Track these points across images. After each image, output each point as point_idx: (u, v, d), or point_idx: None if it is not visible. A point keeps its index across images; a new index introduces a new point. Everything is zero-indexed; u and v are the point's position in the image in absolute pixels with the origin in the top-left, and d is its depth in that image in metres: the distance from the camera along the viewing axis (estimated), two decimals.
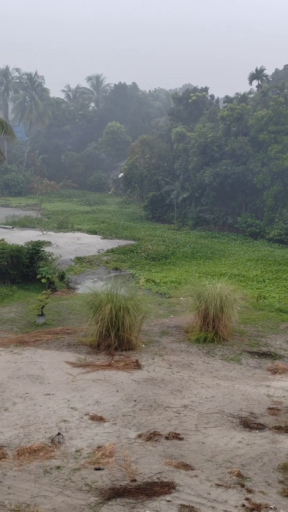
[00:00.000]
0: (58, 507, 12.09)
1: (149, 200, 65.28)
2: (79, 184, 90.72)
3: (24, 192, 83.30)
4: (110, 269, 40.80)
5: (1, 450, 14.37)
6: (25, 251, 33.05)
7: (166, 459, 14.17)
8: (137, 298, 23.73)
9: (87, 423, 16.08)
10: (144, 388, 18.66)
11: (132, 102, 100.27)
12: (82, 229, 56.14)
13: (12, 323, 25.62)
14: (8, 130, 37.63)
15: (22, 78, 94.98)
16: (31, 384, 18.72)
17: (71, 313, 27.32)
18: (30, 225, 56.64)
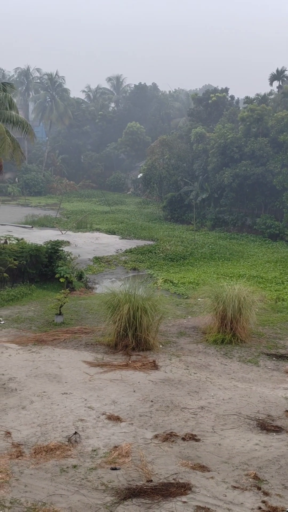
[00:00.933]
0: (74, 506, 12.13)
1: (168, 201, 65.23)
2: (98, 184, 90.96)
3: (43, 191, 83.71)
4: (128, 269, 40.84)
5: (18, 448, 14.46)
6: (44, 251, 33.22)
7: (182, 460, 14.16)
8: (154, 298, 23.72)
9: (103, 422, 16.11)
10: (161, 389, 18.66)
11: (152, 102, 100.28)
12: (101, 229, 56.27)
13: (31, 322, 25.77)
14: (29, 130, 37.83)
15: (42, 78, 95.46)
16: (48, 383, 18.81)
17: (89, 312, 27.40)
18: (49, 224, 56.90)
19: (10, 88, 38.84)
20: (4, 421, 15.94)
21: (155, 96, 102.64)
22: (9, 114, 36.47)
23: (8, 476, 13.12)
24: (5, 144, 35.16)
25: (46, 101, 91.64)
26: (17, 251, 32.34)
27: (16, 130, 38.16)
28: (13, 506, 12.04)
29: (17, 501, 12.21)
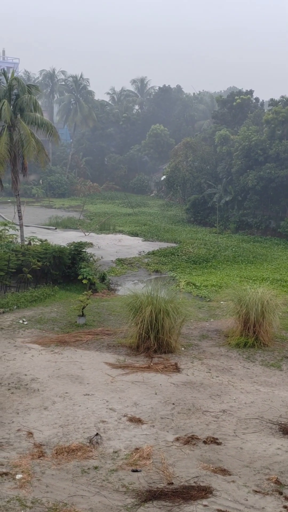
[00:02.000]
0: (95, 507, 12.16)
1: (191, 203, 65.11)
2: (122, 186, 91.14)
3: (67, 193, 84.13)
4: (151, 271, 40.85)
5: (40, 448, 14.54)
6: (67, 252, 33.37)
7: (203, 463, 14.11)
8: (177, 301, 23.69)
9: (125, 424, 16.13)
10: (182, 392, 18.62)
11: (176, 104, 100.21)
12: (124, 231, 56.37)
13: (53, 323, 25.91)
14: (53, 132, 38.08)
15: (67, 81, 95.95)
16: (70, 384, 18.89)
17: (111, 314, 27.46)
18: (72, 226, 57.16)
19: (35, 90, 39.15)
20: (27, 421, 16.05)
21: (179, 98, 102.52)
22: (34, 116, 36.77)
23: (30, 476, 13.20)
24: (30, 146, 35.45)
25: (70, 103, 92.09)
26: (41, 253, 32.55)
27: (41, 132, 38.45)
28: (35, 506, 12.11)
29: (39, 501, 12.28)
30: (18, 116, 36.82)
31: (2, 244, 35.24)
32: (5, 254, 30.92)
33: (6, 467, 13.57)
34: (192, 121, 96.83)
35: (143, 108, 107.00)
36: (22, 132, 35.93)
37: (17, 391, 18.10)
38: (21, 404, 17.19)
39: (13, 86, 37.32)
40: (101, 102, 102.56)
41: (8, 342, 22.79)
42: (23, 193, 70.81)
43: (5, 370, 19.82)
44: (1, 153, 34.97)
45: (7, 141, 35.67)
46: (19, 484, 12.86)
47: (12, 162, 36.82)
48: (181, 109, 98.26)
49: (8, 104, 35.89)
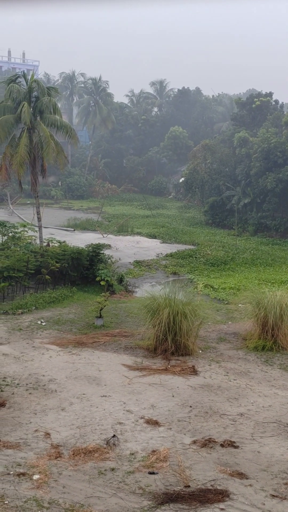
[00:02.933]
0: (111, 509, 12.17)
1: (209, 205, 64.93)
2: (140, 188, 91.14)
3: (86, 195, 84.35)
4: (169, 273, 40.80)
5: (57, 449, 14.59)
6: (85, 254, 33.47)
7: (220, 467, 14.06)
8: (195, 303, 23.65)
9: (142, 426, 16.13)
10: (200, 394, 18.57)
11: (195, 107, 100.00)
12: (142, 233, 56.36)
13: (71, 324, 26.00)
14: (72, 134, 38.25)
15: (87, 83, 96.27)
16: (88, 385, 18.93)
17: (129, 316, 27.48)
18: (90, 228, 57.31)
19: (54, 92, 39.36)
20: (44, 422, 16.12)
21: (198, 100, 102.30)
22: (53, 118, 36.96)
23: (47, 477, 13.25)
24: (49, 148, 35.64)
25: (90, 105, 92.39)
26: (59, 254, 32.68)
27: (60, 134, 38.62)
28: (51, 507, 12.15)
29: (55, 502, 12.32)
30: (38, 118, 37.04)
31: (21, 245, 35.46)
32: (24, 255, 31.10)
33: (23, 468, 13.64)
34: (211, 123, 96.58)
35: (162, 110, 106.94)
36: (42, 134, 36.13)
37: (35, 392, 18.19)
38: (38, 404, 17.27)
39: (33, 89, 37.56)
40: (120, 104, 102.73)
41: (27, 343, 22.92)
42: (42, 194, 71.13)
43: (23, 370, 19.94)
44: (21, 155, 35.20)
45: (27, 143, 35.90)
46: (36, 485, 12.91)
47: (31, 164, 37.05)
48: (200, 111, 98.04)
49: (28, 106, 36.12)
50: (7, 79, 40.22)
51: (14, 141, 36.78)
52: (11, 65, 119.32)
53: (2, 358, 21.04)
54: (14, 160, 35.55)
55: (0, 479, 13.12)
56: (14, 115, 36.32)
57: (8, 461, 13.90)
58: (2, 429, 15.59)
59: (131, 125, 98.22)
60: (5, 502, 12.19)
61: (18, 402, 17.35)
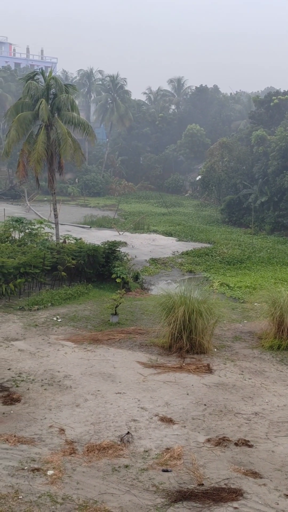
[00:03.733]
0: (124, 506, 12.20)
1: (226, 204, 64.75)
2: (156, 186, 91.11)
3: (102, 192, 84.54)
4: (184, 271, 40.77)
5: (72, 445, 14.65)
6: (101, 251, 33.54)
7: (234, 466, 14.03)
8: (210, 301, 23.60)
9: (156, 424, 16.15)
10: (214, 393, 18.55)
11: (213, 104, 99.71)
12: (158, 230, 56.37)
13: (87, 320, 26.07)
14: (90, 131, 38.32)
15: (104, 80, 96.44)
16: (102, 382, 18.99)
17: (144, 313, 27.50)
18: (107, 225, 57.42)
19: (72, 89, 39.46)
20: (59, 418, 16.20)
21: (216, 98, 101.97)
22: (71, 115, 37.06)
23: (61, 473, 13.32)
24: (67, 145, 35.74)
25: (107, 102, 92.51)
26: (75, 251, 32.78)
27: (78, 132, 38.73)
28: (65, 502, 12.21)
29: (69, 498, 12.38)
30: (56, 115, 37.17)
31: (37, 242, 35.63)
32: (41, 252, 31.24)
33: (37, 463, 13.72)
34: (229, 121, 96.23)
35: (180, 108, 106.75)
36: (59, 131, 36.23)
37: (50, 388, 18.28)
38: (53, 400, 17.35)
39: (51, 86, 37.67)
40: (138, 102, 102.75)
41: (42, 339, 23.03)
42: (59, 191, 71.42)
43: (38, 366, 20.04)
44: (38, 152, 35.34)
45: (44, 140, 36.03)
46: (50, 480, 12.98)
47: (48, 161, 37.18)
48: (218, 109, 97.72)
49: (46, 103, 36.24)
50: (25, 76, 40.40)
51: (32, 138, 36.94)
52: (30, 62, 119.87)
53: (18, 354, 21.17)
54: (32, 157, 35.70)
55: (15, 474, 13.21)
56: (32, 112, 36.47)
57: (22, 456, 13.98)
58: (17, 424, 15.69)
59: (148, 122, 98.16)
60: (19, 497, 12.28)
61: (33, 398, 17.44)
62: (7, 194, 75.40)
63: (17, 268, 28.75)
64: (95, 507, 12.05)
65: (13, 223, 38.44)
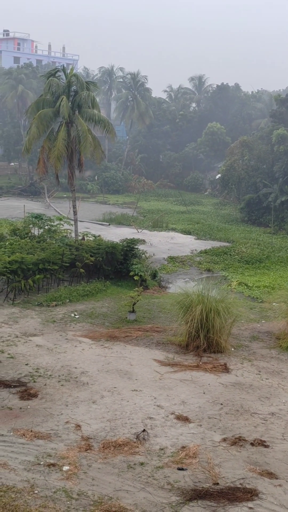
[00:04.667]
0: (139, 503, 12.22)
1: (245, 203, 64.39)
2: (176, 184, 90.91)
3: (121, 190, 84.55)
4: (203, 270, 40.66)
5: (88, 441, 14.71)
6: (119, 248, 33.58)
7: (250, 465, 13.99)
8: (228, 300, 23.51)
9: (172, 422, 16.15)
10: (231, 392, 18.50)
11: (234, 103, 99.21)
12: (177, 228, 56.25)
13: (104, 317, 26.14)
14: (110, 129, 38.35)
15: (125, 78, 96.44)
16: (119, 379, 19.03)
17: (161, 311, 27.49)
18: (125, 222, 57.44)
19: (93, 87, 39.51)
20: (75, 413, 16.27)
21: (237, 96, 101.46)
22: (91, 112, 37.11)
23: (76, 469, 13.38)
24: (87, 142, 35.82)
25: (128, 100, 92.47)
26: (94, 248, 32.87)
27: (98, 129, 38.79)
28: (80, 498, 12.26)
29: (84, 494, 12.43)
30: (76, 113, 37.25)
31: (56, 239, 35.80)
32: (60, 249, 31.38)
33: (53, 458, 13.79)
34: (250, 119, 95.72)
35: (200, 106, 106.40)
36: (80, 128, 36.31)
37: (67, 384, 18.36)
38: (70, 396, 17.43)
39: (72, 83, 37.77)
40: (158, 100, 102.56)
41: (60, 335, 23.14)
42: (79, 188, 71.58)
43: (56, 362, 20.14)
44: (59, 148, 35.46)
45: (65, 137, 36.14)
46: (66, 476, 13.05)
47: (68, 158, 37.29)
48: (239, 108, 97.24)
49: (67, 101, 36.34)
50: (46, 73, 40.56)
51: (52, 135, 37.08)
52: (51, 59, 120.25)
53: (36, 349, 21.29)
54: (52, 153, 35.84)
55: (31, 469, 13.29)
56: (53, 109, 36.60)
57: (39, 452, 14.07)
58: (34, 419, 15.79)
59: (168, 120, 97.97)
60: (35, 492, 12.36)
61: (50, 393, 17.54)
62: (27, 191, 75.79)
63: (36, 264, 28.90)
64: (110, 504, 12.09)
65: (33, 219, 38.66)
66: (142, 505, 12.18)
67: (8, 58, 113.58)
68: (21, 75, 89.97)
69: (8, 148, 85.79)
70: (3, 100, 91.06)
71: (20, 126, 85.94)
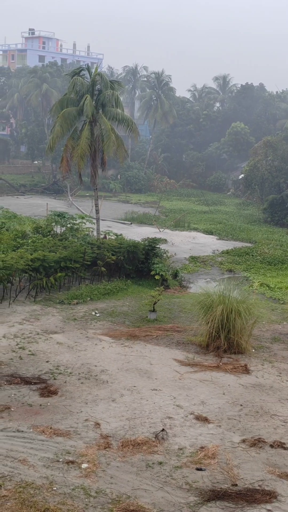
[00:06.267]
0: (157, 502, 12.22)
1: (268, 203, 64.03)
2: (198, 184, 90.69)
3: (144, 189, 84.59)
4: (224, 270, 40.51)
5: (107, 439, 14.75)
6: (141, 247, 33.59)
7: (269, 467, 13.91)
8: (249, 301, 23.40)
9: (191, 422, 16.12)
10: (251, 393, 18.41)
11: (258, 103, 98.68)
12: (198, 228, 56.12)
13: (125, 316, 26.18)
14: (133, 128, 38.38)
15: (149, 77, 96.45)
16: (139, 378, 19.04)
17: (182, 311, 27.45)
18: (147, 222, 57.45)
19: (117, 86, 39.56)
20: (95, 412, 16.32)
21: (261, 96, 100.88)
22: (115, 111, 37.18)
23: (95, 466, 13.42)
24: (110, 141, 35.89)
25: (152, 99, 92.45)
26: (116, 247, 32.93)
27: (121, 128, 38.85)
28: (98, 496, 12.30)
29: (103, 492, 12.47)
30: (100, 111, 37.34)
31: (78, 237, 35.95)
32: (81, 247, 31.50)
33: (72, 456, 13.86)
34: (274, 119, 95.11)
35: (224, 106, 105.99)
36: (103, 127, 36.40)
37: (86, 382, 18.43)
38: (90, 394, 17.49)
39: (96, 82, 37.87)
40: (182, 99, 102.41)
41: (80, 333, 23.23)
42: (101, 187, 71.76)
43: (76, 360, 20.23)
44: (82, 147, 35.59)
45: (88, 136, 36.26)
46: (84, 473, 13.10)
47: (92, 156, 37.41)
48: (263, 108, 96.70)
49: (91, 99, 36.45)
50: (71, 71, 40.72)
51: (76, 133, 37.22)
52: (76, 58, 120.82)
53: (56, 347, 21.41)
54: (75, 152, 35.98)
55: (50, 465, 13.37)
56: (76, 108, 36.75)
57: (58, 449, 14.15)
58: (53, 416, 15.88)
59: (192, 120, 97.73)
60: (54, 489, 12.42)
61: (70, 391, 17.62)
62: (50, 189, 76.26)
63: (58, 262, 29.05)
64: (128, 502, 12.11)
65: (55, 217, 38.87)
66: (160, 505, 12.17)
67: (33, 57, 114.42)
68: (45, 74, 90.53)
69: (32, 146, 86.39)
70: (27, 99, 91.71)
71: (44, 125, 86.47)
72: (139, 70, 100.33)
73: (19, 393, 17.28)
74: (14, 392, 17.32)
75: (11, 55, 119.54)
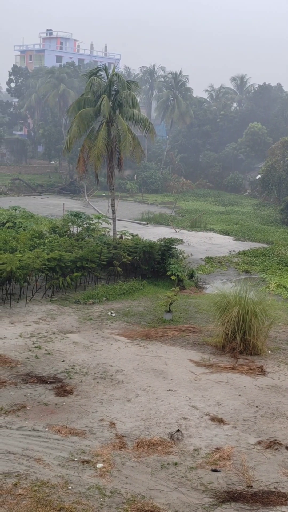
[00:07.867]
0: (172, 503, 12.22)
1: (286, 204, 63.66)
2: (215, 184, 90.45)
3: (160, 189, 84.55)
4: (240, 271, 40.36)
5: (122, 439, 14.77)
6: (157, 248, 33.58)
7: (284, 469, 13.84)
8: (266, 302, 23.29)
9: (207, 423, 16.08)
10: (267, 395, 18.32)
11: (276, 103, 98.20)
12: (215, 229, 55.97)
13: (140, 316, 26.19)
14: (150, 128, 38.36)
15: (167, 77, 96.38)
16: (154, 378, 19.04)
17: (198, 312, 27.40)
18: (164, 222, 57.41)
19: (134, 86, 39.55)
20: (110, 411, 16.35)
21: (279, 96, 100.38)
22: (132, 112, 37.19)
23: (110, 466, 13.45)
24: (127, 141, 35.92)
25: (169, 100, 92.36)
26: (132, 247, 32.95)
27: (138, 128, 38.84)
28: (113, 496, 12.32)
29: (117, 491, 12.48)
30: (117, 112, 37.37)
31: (95, 237, 36.03)
32: (97, 247, 31.57)
33: (88, 455, 13.89)
34: None
35: (241, 106, 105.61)
36: (120, 128, 36.43)
37: (102, 381, 18.47)
38: (105, 394, 17.52)
39: (113, 82, 37.91)
40: (199, 99, 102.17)
41: (96, 333, 23.28)
42: (118, 187, 71.85)
43: (92, 359, 20.28)
44: (99, 148, 35.65)
45: (105, 136, 36.32)
46: (99, 473, 13.13)
47: (108, 157, 37.46)
48: (281, 108, 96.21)
49: (108, 100, 36.49)
50: (88, 72, 40.80)
51: (93, 134, 37.30)
52: (93, 58, 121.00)
53: (72, 346, 21.48)
54: (92, 152, 36.06)
55: (65, 465, 13.42)
56: (93, 108, 36.82)
57: (73, 448, 14.19)
58: (69, 416, 15.93)
59: (209, 120, 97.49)
60: (69, 488, 12.47)
61: (85, 391, 17.67)
62: (67, 189, 76.52)
63: (74, 262, 29.14)
64: (142, 503, 12.11)
65: (72, 217, 38.97)
66: (175, 505, 12.16)
67: (51, 57, 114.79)
68: (63, 74, 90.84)
69: (49, 146, 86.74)
70: (45, 99, 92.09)
71: (61, 125, 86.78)
72: (156, 71, 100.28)
73: (35, 392, 17.37)
74: (30, 391, 17.41)
75: (28, 56, 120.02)
